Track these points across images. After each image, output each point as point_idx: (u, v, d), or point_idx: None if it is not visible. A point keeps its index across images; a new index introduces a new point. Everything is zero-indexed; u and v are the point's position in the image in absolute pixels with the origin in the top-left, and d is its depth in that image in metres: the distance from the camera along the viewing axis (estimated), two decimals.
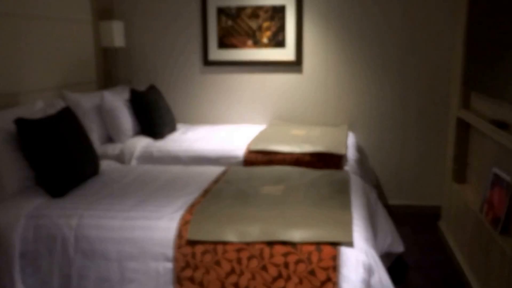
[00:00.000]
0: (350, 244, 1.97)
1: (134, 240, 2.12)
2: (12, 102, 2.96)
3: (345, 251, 1.95)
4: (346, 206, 2.28)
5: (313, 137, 3.49)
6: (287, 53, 4.10)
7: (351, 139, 3.65)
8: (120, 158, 3.36)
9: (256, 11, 4.08)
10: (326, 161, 3.14)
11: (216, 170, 2.91)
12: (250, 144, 3.35)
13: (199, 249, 2.04)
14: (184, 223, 2.13)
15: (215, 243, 2.04)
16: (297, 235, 2.00)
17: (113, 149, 3.44)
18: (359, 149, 3.71)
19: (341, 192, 2.47)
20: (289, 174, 2.76)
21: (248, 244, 2.01)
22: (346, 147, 3.30)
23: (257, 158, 3.22)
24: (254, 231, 2.04)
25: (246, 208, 2.26)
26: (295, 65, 4.11)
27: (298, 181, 2.64)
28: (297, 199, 2.37)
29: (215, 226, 2.09)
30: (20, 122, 2.44)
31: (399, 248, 2.82)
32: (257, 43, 4.12)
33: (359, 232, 2.08)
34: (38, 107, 2.91)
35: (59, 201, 2.38)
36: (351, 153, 3.32)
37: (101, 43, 4.03)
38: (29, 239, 2.20)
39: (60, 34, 3.49)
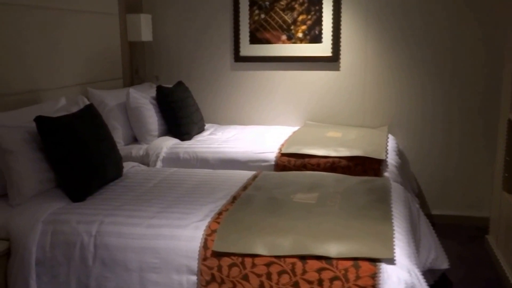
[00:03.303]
0: (391, 260, 1.80)
1: (156, 250, 1.98)
2: (35, 99, 2.87)
3: (385, 268, 1.78)
4: (386, 217, 2.11)
5: (350, 140, 3.30)
6: (323, 49, 3.89)
7: (391, 143, 3.42)
8: (145, 160, 3.24)
9: (291, 4, 3.88)
10: (364, 166, 2.95)
11: (246, 175, 2.75)
12: (282, 147, 3.19)
13: (225, 261, 1.89)
14: (210, 233, 1.98)
15: (243, 255, 1.89)
16: (332, 249, 1.84)
17: (137, 150, 3.32)
18: (400, 154, 3.47)
19: (381, 202, 2.29)
20: (323, 181, 2.58)
21: (279, 257, 1.86)
22: (386, 151, 3.10)
23: (289, 162, 3.05)
24: (285, 244, 1.88)
25: (277, 218, 2.09)
26: (332, 62, 3.90)
27: (333, 188, 2.46)
28: (333, 208, 2.20)
29: (243, 237, 1.94)
30: (40, 120, 2.33)
31: (443, 264, 2.61)
32: (292, 38, 3.93)
33: (401, 247, 1.91)
34: (61, 105, 2.82)
35: (79, 206, 2.26)
36: (391, 158, 3.10)
37: (128, 37, 3.91)
38: (46, 246, 2.08)
39: (85, 28, 3.40)
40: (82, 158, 2.37)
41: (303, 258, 1.83)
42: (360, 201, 2.28)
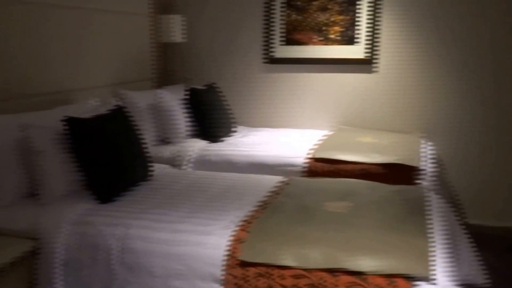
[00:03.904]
0: (428, 278, 1.69)
1: (181, 256, 1.92)
2: (67, 99, 2.87)
3: (422, 287, 1.67)
4: (423, 230, 2.00)
5: (383, 145, 3.19)
6: (358, 51, 3.79)
7: (427, 149, 3.28)
8: (174, 161, 3.20)
9: (326, 4, 3.78)
10: (399, 174, 2.83)
11: (275, 180, 2.67)
12: (313, 151, 3.09)
13: (252, 271, 1.82)
14: (237, 241, 1.91)
15: (271, 266, 1.81)
16: (365, 264, 1.75)
17: (167, 151, 3.29)
18: (436, 161, 3.32)
19: (417, 213, 2.18)
20: (356, 189, 2.48)
21: (308, 270, 1.77)
22: (421, 158, 2.97)
23: (320, 167, 2.96)
24: (315, 256, 1.80)
25: (307, 228, 2.01)
26: (367, 64, 3.78)
27: (366, 197, 2.36)
28: (366, 219, 2.09)
29: (271, 247, 1.87)
30: (69, 121, 2.33)
31: (483, 280, 2.46)
32: (325, 39, 3.83)
33: (439, 264, 1.80)
34: (91, 106, 2.81)
35: (106, 208, 2.24)
36: (427, 165, 2.97)
37: (160, 38, 3.90)
38: (72, 247, 2.06)
39: (117, 29, 3.40)
40: (111, 159, 2.35)
41: (334, 272, 1.75)
42: (395, 212, 2.17)
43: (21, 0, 2.55)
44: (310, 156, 3.05)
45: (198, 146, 3.31)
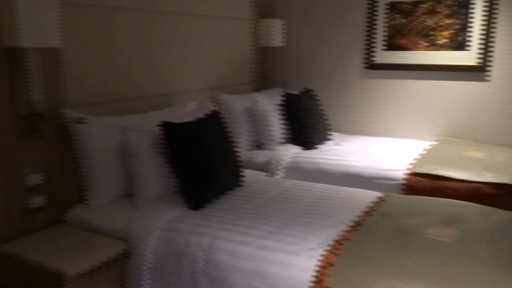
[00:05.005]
0: None
1: (264, 275, 1.83)
2: (168, 102, 2.94)
3: None
4: None
5: (496, 162, 2.87)
6: (468, 57, 3.46)
7: None
8: (267, 167, 3.15)
9: (434, 7, 3.49)
10: None
11: (371, 196, 2.48)
12: (414, 165, 2.86)
13: None
14: (326, 265, 1.77)
15: None
16: None
17: (260, 156, 3.24)
18: None
19: None
20: (463, 213, 2.21)
21: None
22: None
23: (421, 183, 2.72)
24: None
25: (405, 257, 1.81)
26: (479, 72, 3.44)
27: (476, 224, 2.08)
28: (476, 252, 1.83)
29: (363, 277, 1.70)
30: (165, 126, 2.35)
31: None
32: (432, 44, 3.54)
33: None
34: (188, 109, 2.85)
35: (195, 215, 2.22)
36: None
37: (259, 42, 3.87)
38: (161, 253, 2.08)
39: (218, 33, 3.42)
40: (204, 165, 2.34)
41: None
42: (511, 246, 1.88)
43: (129, 8, 2.64)
44: (409, 170, 2.82)
45: (291, 153, 3.23)
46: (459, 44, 3.47)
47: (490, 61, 3.40)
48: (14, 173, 2.13)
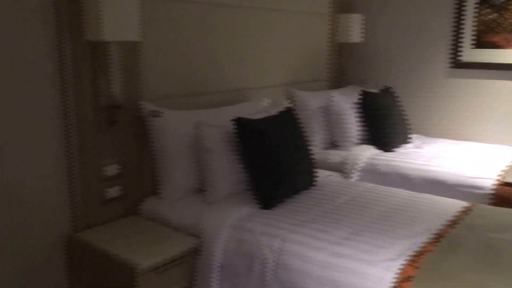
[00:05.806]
0: None
1: (337, 283, 1.74)
2: (243, 97, 2.92)
3: None
4: None
5: None
6: None
7: None
8: (341, 167, 3.04)
9: None
10: None
11: (455, 206, 2.30)
12: (505, 173, 2.64)
13: None
14: (404, 279, 1.65)
15: None
16: None
17: (335, 156, 3.14)
18: None
19: None
20: None
21: None
22: None
23: None
24: None
25: (492, 275, 1.65)
26: None
27: None
28: None
29: None
30: (238, 121, 2.32)
31: None
32: None
33: None
34: (263, 105, 2.80)
35: (266, 215, 2.17)
36: None
37: (337, 38, 3.75)
38: (230, 252, 2.04)
39: (295, 29, 3.37)
40: (276, 163, 2.28)
41: None
42: None
43: (206, 2, 2.64)
44: (500, 178, 2.60)
45: (368, 154, 3.09)
46: None
47: None
48: (93, 163, 2.19)
